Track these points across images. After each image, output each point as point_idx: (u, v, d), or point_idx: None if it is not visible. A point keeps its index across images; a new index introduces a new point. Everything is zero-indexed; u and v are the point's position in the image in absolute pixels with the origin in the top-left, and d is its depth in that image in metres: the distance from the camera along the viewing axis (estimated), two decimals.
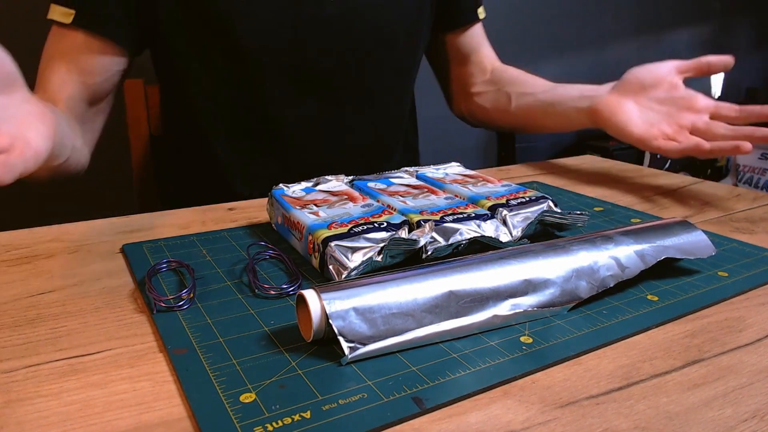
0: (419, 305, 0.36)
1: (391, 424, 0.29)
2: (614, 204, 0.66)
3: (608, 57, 2.08)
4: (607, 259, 0.42)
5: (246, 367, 0.33)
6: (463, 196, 0.56)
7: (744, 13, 2.45)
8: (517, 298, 0.39)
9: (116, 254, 0.50)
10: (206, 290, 0.43)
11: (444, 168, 0.66)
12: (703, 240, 0.47)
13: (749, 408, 0.31)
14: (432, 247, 0.45)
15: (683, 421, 0.30)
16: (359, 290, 0.35)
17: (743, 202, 0.67)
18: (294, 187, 0.56)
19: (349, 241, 0.44)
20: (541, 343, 0.36)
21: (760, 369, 0.35)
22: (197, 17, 0.69)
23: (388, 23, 0.78)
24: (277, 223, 0.54)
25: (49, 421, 0.29)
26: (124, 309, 0.41)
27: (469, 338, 0.37)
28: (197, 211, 0.62)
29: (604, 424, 0.30)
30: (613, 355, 0.36)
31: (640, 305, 0.41)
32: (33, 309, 0.41)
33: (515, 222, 0.51)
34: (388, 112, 0.84)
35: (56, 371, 0.34)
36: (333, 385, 0.32)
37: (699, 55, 0.73)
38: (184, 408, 0.31)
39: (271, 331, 0.37)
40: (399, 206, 0.52)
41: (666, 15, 2.19)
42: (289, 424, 0.29)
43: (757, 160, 1.53)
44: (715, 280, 0.45)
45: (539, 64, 1.91)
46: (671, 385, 0.33)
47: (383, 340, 0.34)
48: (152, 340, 0.37)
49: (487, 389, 0.32)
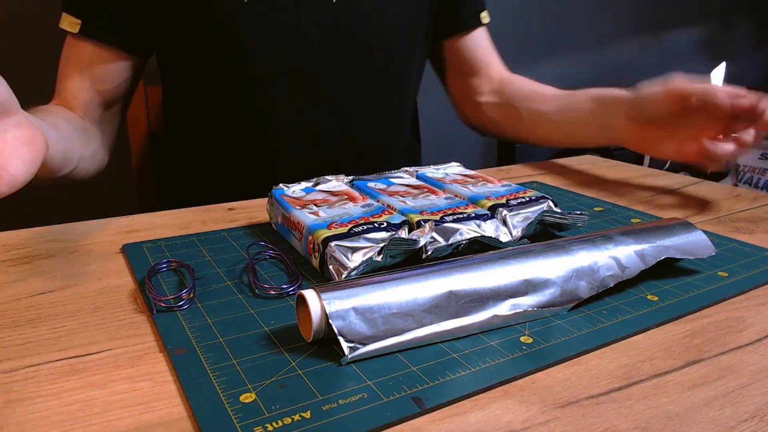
0: (419, 305, 0.36)
1: (391, 424, 0.29)
2: (614, 204, 0.66)
3: (608, 57, 2.08)
4: (607, 259, 0.42)
5: (246, 367, 0.33)
6: (463, 196, 0.56)
7: (744, 13, 2.45)
8: (517, 298, 0.39)
9: (116, 254, 0.50)
10: (206, 290, 0.43)
11: (444, 168, 0.66)
12: (703, 240, 0.47)
13: (749, 408, 0.31)
14: (432, 247, 0.45)
15: (683, 421, 0.30)
16: (359, 290, 0.35)
17: (743, 202, 0.67)
18: (294, 187, 0.56)
19: (349, 241, 0.44)
20: (541, 343, 0.36)
21: (760, 369, 0.35)
22: (199, 20, 0.69)
23: (388, 26, 0.78)
24: (277, 223, 0.54)
25: (49, 421, 0.29)
26: (124, 309, 0.41)
27: (469, 338, 0.37)
28: (197, 211, 0.62)
29: (604, 424, 0.30)
30: (613, 355, 0.36)
31: (640, 305, 0.41)
32: (33, 309, 0.41)
33: (515, 222, 0.51)
34: (388, 114, 0.84)
35: (56, 371, 0.34)
36: (333, 385, 0.32)
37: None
38: (184, 408, 0.31)
39: (271, 331, 0.37)
40: (399, 206, 0.52)
41: (666, 15, 2.19)
42: (289, 424, 0.29)
43: (757, 160, 1.53)
44: (715, 280, 0.45)
45: (539, 64, 1.91)
46: (671, 385, 0.33)
47: (383, 340, 0.34)
48: (152, 340, 0.37)
49: (487, 389, 0.32)
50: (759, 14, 2.49)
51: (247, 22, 0.69)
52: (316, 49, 0.74)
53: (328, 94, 0.76)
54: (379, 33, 0.77)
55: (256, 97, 0.74)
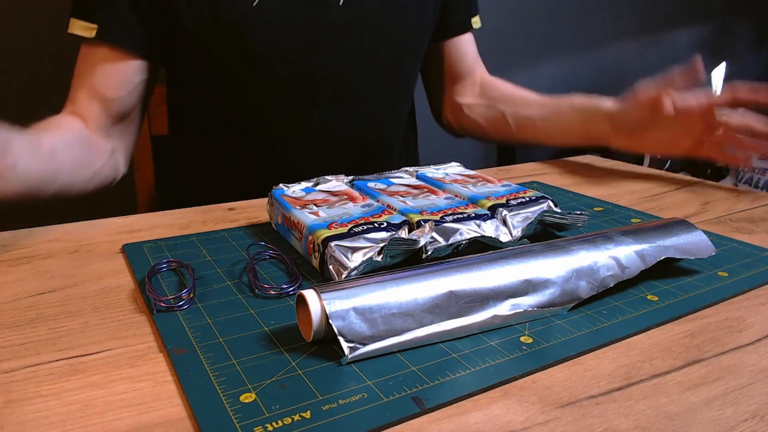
0: (419, 305, 0.36)
1: (391, 424, 0.29)
2: (614, 204, 0.66)
3: (608, 57, 2.08)
4: (607, 259, 0.42)
5: (246, 367, 0.33)
6: (463, 196, 0.56)
7: (744, 13, 2.45)
8: (517, 298, 0.39)
9: (116, 254, 0.50)
10: (206, 290, 0.43)
11: (444, 168, 0.66)
12: (703, 240, 0.47)
13: (749, 408, 0.31)
14: (432, 247, 0.45)
15: (683, 421, 0.30)
16: (359, 290, 0.35)
17: (743, 202, 0.67)
18: (294, 187, 0.56)
19: (349, 241, 0.44)
20: (541, 343, 0.36)
21: (760, 369, 0.35)
22: (208, 22, 0.69)
23: (395, 29, 0.78)
24: (277, 223, 0.54)
25: (49, 421, 0.29)
26: (124, 309, 0.41)
27: (469, 338, 0.37)
28: (197, 211, 0.62)
29: (604, 424, 0.30)
30: (613, 355, 0.36)
31: (640, 305, 0.41)
32: (33, 309, 0.41)
33: (515, 222, 0.51)
34: (394, 113, 0.85)
35: (56, 371, 0.34)
36: (333, 385, 0.32)
37: (699, 55, 0.73)
38: (184, 408, 0.31)
39: (271, 331, 0.37)
40: (399, 206, 0.52)
41: (666, 15, 2.19)
42: (289, 424, 0.29)
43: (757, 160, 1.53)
44: (715, 280, 0.45)
45: (539, 64, 1.91)
46: (671, 385, 0.33)
47: (383, 340, 0.34)
48: (152, 340, 0.37)
49: (487, 389, 0.32)
50: (759, 14, 2.49)
51: (255, 25, 0.70)
52: (324, 50, 0.74)
53: (336, 94, 0.77)
54: (386, 34, 0.78)
55: (264, 98, 0.74)
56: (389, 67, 0.80)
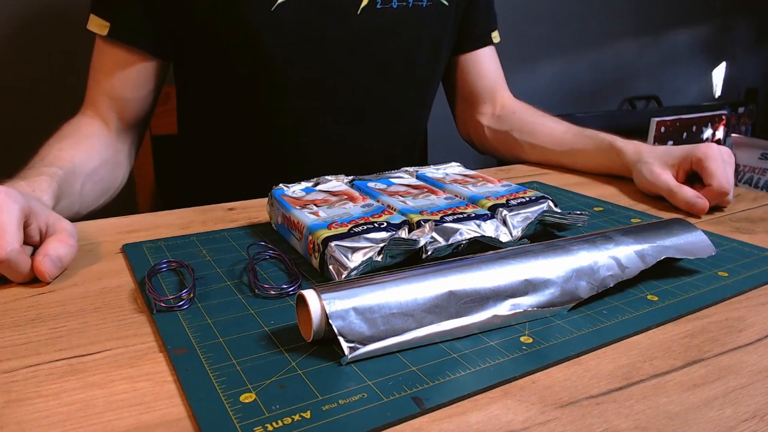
0: (419, 305, 0.36)
1: (391, 424, 0.29)
2: (614, 204, 0.66)
3: (608, 57, 2.08)
4: (607, 259, 0.42)
5: (246, 367, 0.33)
6: (463, 196, 0.56)
7: (744, 13, 2.45)
8: (517, 298, 0.39)
9: (116, 254, 0.50)
10: (206, 290, 0.43)
11: (444, 168, 0.66)
12: (703, 240, 0.47)
13: (749, 408, 0.31)
14: (432, 247, 0.45)
15: (683, 421, 0.30)
16: (359, 290, 0.35)
17: (743, 202, 0.67)
18: (294, 187, 0.56)
19: (349, 241, 0.44)
20: (541, 343, 0.36)
21: (760, 369, 0.35)
22: (224, 25, 0.69)
23: (410, 41, 0.78)
24: (277, 223, 0.54)
25: (49, 421, 0.29)
26: (124, 309, 0.41)
27: (469, 338, 0.37)
28: (197, 211, 0.62)
29: (604, 424, 0.30)
30: (613, 355, 0.36)
31: (640, 305, 0.41)
32: (33, 309, 0.41)
33: (515, 222, 0.51)
34: (407, 126, 0.84)
35: (56, 371, 0.34)
36: (333, 385, 0.32)
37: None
38: (184, 408, 0.31)
39: (271, 331, 0.37)
40: (399, 206, 0.52)
41: (666, 15, 2.19)
42: (289, 424, 0.29)
43: (757, 160, 1.53)
44: (715, 280, 0.45)
45: (539, 64, 1.91)
46: (671, 385, 0.33)
47: (383, 340, 0.34)
48: (152, 340, 0.37)
49: (487, 389, 0.32)
50: (759, 14, 2.49)
51: (271, 29, 0.69)
52: (338, 59, 0.74)
53: (348, 104, 0.76)
54: (401, 45, 0.77)
55: (276, 104, 0.74)
56: (401, 78, 0.79)
